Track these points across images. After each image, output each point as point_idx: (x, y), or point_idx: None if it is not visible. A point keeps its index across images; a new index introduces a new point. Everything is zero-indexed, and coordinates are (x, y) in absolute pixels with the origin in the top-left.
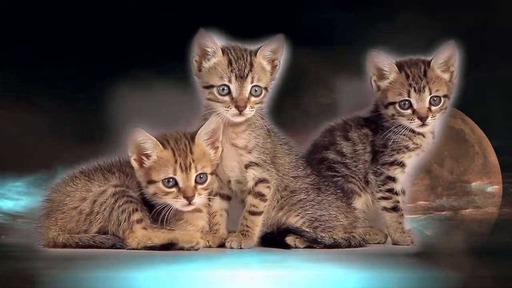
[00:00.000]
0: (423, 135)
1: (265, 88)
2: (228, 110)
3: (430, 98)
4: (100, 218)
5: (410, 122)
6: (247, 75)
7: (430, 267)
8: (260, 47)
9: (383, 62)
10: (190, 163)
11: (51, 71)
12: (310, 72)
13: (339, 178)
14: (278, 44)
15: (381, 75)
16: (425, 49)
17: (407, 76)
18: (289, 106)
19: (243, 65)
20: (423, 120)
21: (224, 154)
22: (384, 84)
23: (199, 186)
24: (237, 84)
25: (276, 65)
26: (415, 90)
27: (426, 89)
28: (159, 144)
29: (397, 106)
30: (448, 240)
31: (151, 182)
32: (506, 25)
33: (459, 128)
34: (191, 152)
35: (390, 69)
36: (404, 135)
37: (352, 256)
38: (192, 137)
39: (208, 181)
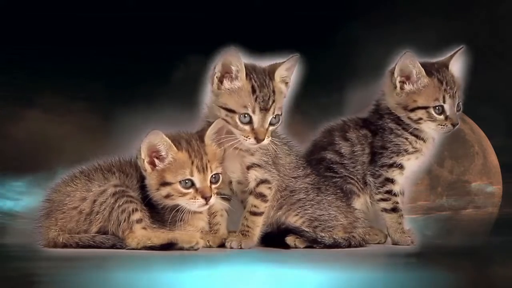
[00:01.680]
0: (423, 140)
1: (281, 114)
2: (246, 140)
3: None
4: (100, 218)
5: (442, 128)
6: (271, 106)
7: (430, 267)
8: (276, 69)
9: (414, 64)
10: (206, 164)
11: (51, 71)
12: None
13: (338, 179)
14: (292, 63)
15: (409, 78)
16: (426, 51)
17: (441, 81)
18: None
19: (267, 95)
20: (455, 126)
21: (226, 156)
22: (412, 87)
23: (213, 186)
24: (260, 115)
25: (287, 82)
26: (449, 96)
27: (456, 95)
28: (173, 146)
29: (431, 110)
30: (448, 240)
31: (165, 184)
32: (507, 25)
33: (459, 128)
34: (205, 153)
35: (419, 72)
36: (405, 138)
37: (352, 256)
38: (200, 138)
39: (220, 180)
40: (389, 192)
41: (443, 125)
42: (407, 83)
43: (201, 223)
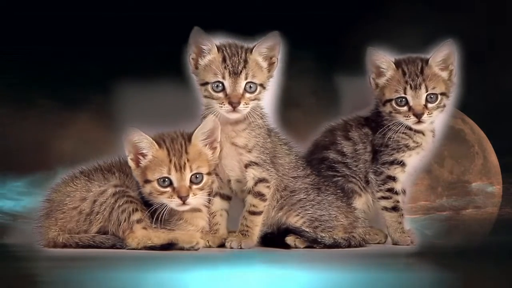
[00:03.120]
0: (422, 133)
1: (261, 85)
2: (222, 107)
3: (427, 96)
4: (100, 218)
5: (406, 119)
6: (241, 71)
7: (430, 267)
8: (256, 44)
9: (380, 60)
10: (185, 162)
11: (51, 71)
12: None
13: (340, 178)
14: (274, 41)
15: (379, 73)
16: (426, 47)
17: (404, 73)
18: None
19: (237, 61)
20: (418, 117)
21: (224, 153)
22: (381, 81)
23: (194, 186)
24: (230, 80)
25: (274, 62)
26: (411, 87)
27: (423, 86)
28: (155, 144)
29: (393, 103)
30: (448, 240)
31: (147, 181)
32: (507, 24)
33: (459, 128)
34: (186, 152)
35: (387, 66)
36: (404, 133)
37: (352, 256)
38: (189, 137)
39: (203, 181)
40: (390, 190)
41: (407, 117)
42: (378, 78)
43: (202, 222)
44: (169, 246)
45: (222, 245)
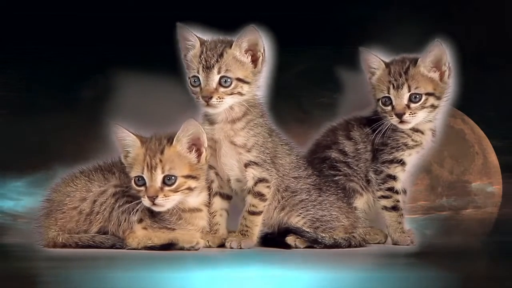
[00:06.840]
0: (422, 132)
1: (240, 80)
2: (198, 101)
3: (410, 95)
4: (100, 218)
5: (391, 119)
6: (213, 65)
7: (430, 267)
8: (236, 39)
9: (371, 60)
10: (157, 163)
11: (51, 71)
12: None
13: (341, 177)
14: (253, 35)
15: (372, 72)
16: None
17: (389, 73)
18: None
19: (211, 55)
20: (399, 116)
21: (223, 152)
22: (373, 81)
23: (167, 188)
24: (204, 74)
25: (259, 57)
26: (393, 87)
27: (405, 86)
28: (138, 141)
29: (380, 102)
30: (448, 240)
31: (131, 179)
32: (506, 24)
33: (459, 128)
34: (162, 153)
35: (378, 66)
36: (402, 131)
37: (352, 256)
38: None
39: (177, 183)
40: (390, 189)
41: (391, 117)
42: (371, 78)
43: (202, 222)
44: (169, 246)
45: (222, 245)
